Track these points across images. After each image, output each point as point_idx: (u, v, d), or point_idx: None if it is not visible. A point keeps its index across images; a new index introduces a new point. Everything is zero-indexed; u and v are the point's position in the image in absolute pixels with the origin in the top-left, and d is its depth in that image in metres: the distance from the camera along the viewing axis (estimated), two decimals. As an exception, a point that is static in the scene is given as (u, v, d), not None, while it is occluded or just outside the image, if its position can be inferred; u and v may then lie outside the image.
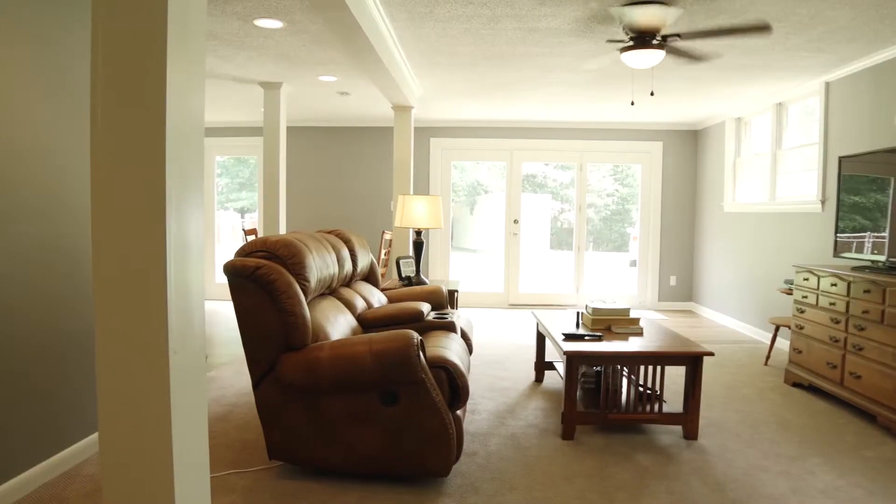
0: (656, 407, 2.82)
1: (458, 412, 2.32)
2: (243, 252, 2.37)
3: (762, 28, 2.86)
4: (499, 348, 4.58)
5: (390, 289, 3.70)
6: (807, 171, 4.51)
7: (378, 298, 3.37)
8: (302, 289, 2.35)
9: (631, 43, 2.95)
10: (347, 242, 3.18)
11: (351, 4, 2.53)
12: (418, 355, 2.12)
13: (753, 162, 5.35)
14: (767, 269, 4.92)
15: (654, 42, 2.92)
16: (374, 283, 3.61)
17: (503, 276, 6.65)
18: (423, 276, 4.07)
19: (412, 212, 3.96)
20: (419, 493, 2.19)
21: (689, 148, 6.50)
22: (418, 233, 4.04)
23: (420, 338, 2.19)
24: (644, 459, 2.51)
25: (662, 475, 2.37)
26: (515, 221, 6.59)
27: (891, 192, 3.13)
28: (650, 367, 3.12)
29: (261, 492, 2.20)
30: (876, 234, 3.23)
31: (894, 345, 2.80)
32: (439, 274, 6.61)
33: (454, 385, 2.27)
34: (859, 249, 3.35)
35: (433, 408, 2.17)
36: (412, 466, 2.21)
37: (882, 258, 3.15)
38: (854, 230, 3.41)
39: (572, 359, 2.67)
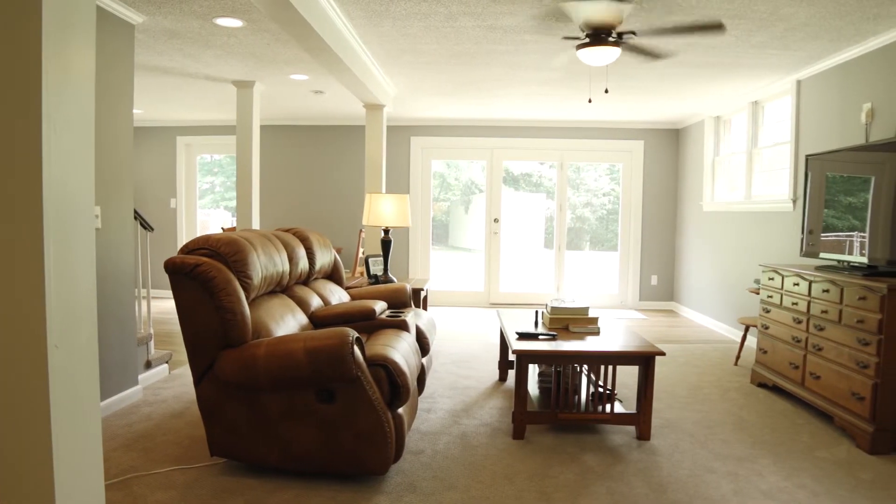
0: (608, 407, 2.80)
1: (400, 411, 2.31)
2: (186, 249, 2.38)
3: (716, 27, 2.83)
4: (469, 347, 4.57)
5: (354, 287, 3.70)
6: (781, 170, 4.47)
7: (339, 297, 3.37)
8: (244, 286, 2.35)
9: (587, 40, 2.93)
10: (305, 241, 3.17)
11: (297, 4, 2.53)
12: (352, 353, 2.12)
13: (731, 161, 5.32)
14: (744, 269, 4.89)
15: (610, 39, 2.90)
16: (338, 282, 3.61)
17: (484, 276, 6.64)
18: (390, 275, 4.06)
19: (380, 210, 3.96)
20: (356, 491, 2.19)
21: (670, 147, 6.46)
22: (386, 231, 4.04)
23: (356, 336, 2.19)
24: (591, 459, 2.50)
25: (607, 475, 2.35)
26: (496, 220, 6.59)
27: (856, 189, 3.10)
28: (604, 367, 3.10)
29: (200, 488, 2.20)
30: (840, 233, 3.20)
31: (850, 345, 2.77)
32: (419, 273, 6.60)
33: (395, 383, 2.26)
34: (826, 249, 3.31)
35: (370, 406, 2.16)
36: (350, 464, 2.21)
37: (860, 259, 3.12)
38: (822, 229, 3.37)
39: (521, 358, 2.65)
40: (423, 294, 4.08)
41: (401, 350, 2.49)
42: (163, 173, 6.58)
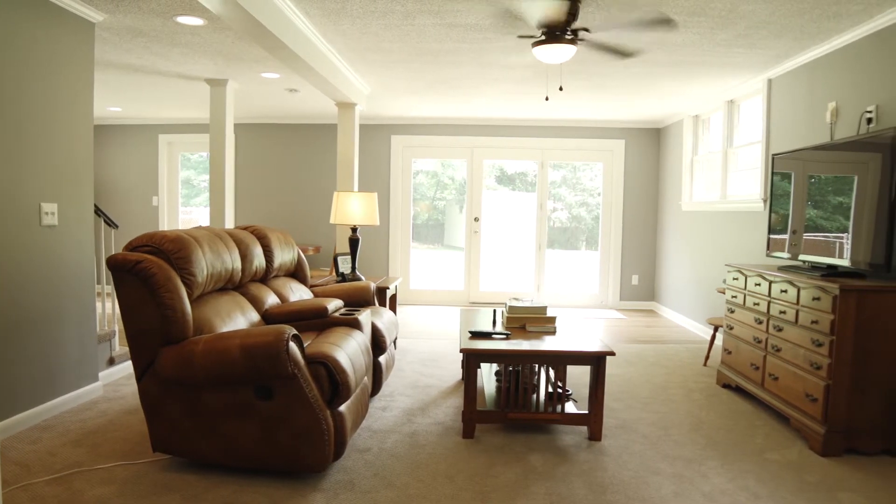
0: (559, 407, 2.79)
1: (342, 408, 2.31)
2: (130, 246, 2.38)
3: (665, 22, 2.81)
4: (438, 346, 4.56)
5: (320, 286, 3.70)
6: (754, 170, 4.44)
7: (300, 295, 3.37)
8: (187, 283, 2.36)
9: (542, 37, 2.92)
10: (263, 239, 3.18)
11: (245, 3, 2.52)
12: (287, 350, 2.12)
13: (709, 160, 5.28)
14: (719, 269, 4.85)
15: (566, 37, 2.88)
16: (302, 280, 3.61)
17: (464, 275, 6.64)
18: (358, 273, 4.06)
19: (347, 208, 3.96)
20: (294, 488, 2.19)
21: (651, 146, 6.43)
22: (354, 229, 4.04)
23: (294, 333, 2.18)
24: (537, 460, 2.49)
25: (549, 476, 2.34)
26: (476, 219, 6.58)
27: (822, 189, 3.06)
28: (555, 367, 3.08)
29: (139, 484, 2.21)
30: (805, 234, 3.16)
31: (805, 346, 2.75)
32: (399, 272, 6.60)
33: (335, 381, 2.26)
34: (792, 248, 3.28)
35: (307, 403, 2.16)
36: (289, 461, 2.21)
37: (817, 259, 3.09)
38: (784, 230, 3.34)
39: (469, 356, 2.65)
40: (389, 293, 4.08)
41: (348, 348, 2.49)
42: (145, 171, 6.61)
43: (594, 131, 6.43)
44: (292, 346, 2.16)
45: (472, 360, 2.66)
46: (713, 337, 4.01)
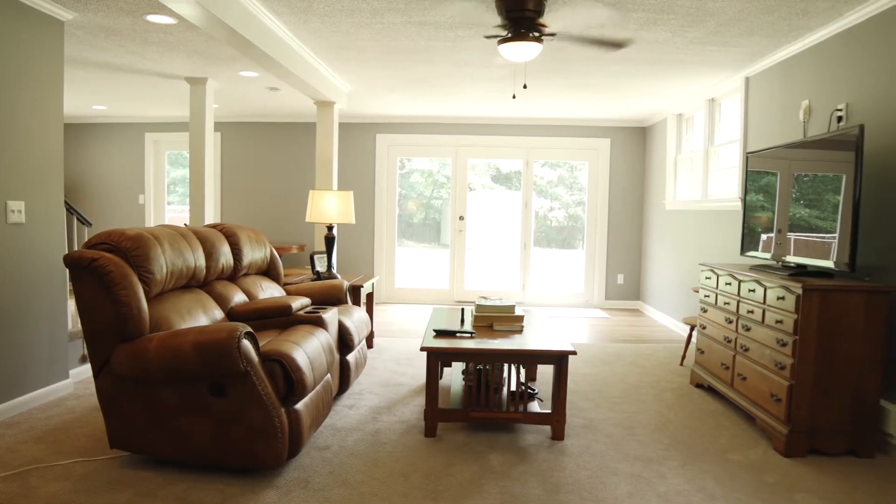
0: (521, 406, 2.78)
1: (298, 406, 2.31)
2: (89, 244, 2.39)
3: (622, 44, 2.81)
4: (415, 344, 4.56)
5: (293, 284, 3.70)
6: (734, 168, 4.41)
7: (271, 293, 3.37)
8: (144, 281, 2.36)
9: (509, 35, 2.91)
10: (231, 237, 3.18)
11: (207, 3, 2.52)
12: (238, 347, 2.12)
13: (692, 159, 5.26)
14: (699, 268, 4.83)
15: (532, 35, 2.87)
16: (275, 278, 3.62)
17: (449, 274, 6.63)
18: (334, 272, 4.06)
19: (323, 207, 3.96)
20: (247, 485, 2.19)
21: (637, 145, 6.40)
22: (330, 228, 4.04)
23: (247, 330, 2.19)
24: (495, 459, 2.48)
25: (505, 475, 2.33)
26: (461, 218, 6.57)
27: (780, 187, 3.04)
28: (518, 366, 3.07)
29: (94, 480, 2.21)
30: (779, 232, 3.14)
31: (770, 346, 2.73)
32: (384, 271, 6.60)
33: (290, 379, 2.26)
34: (763, 248, 3.26)
35: (259, 401, 2.17)
36: (243, 458, 2.21)
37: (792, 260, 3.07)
38: (763, 229, 3.32)
39: (429, 355, 2.64)
40: (364, 291, 4.08)
41: (307, 346, 2.49)
42: (131, 170, 6.64)
43: (579, 130, 6.40)
44: (245, 343, 2.16)
45: (433, 359, 2.65)
46: (689, 336, 3.99)
